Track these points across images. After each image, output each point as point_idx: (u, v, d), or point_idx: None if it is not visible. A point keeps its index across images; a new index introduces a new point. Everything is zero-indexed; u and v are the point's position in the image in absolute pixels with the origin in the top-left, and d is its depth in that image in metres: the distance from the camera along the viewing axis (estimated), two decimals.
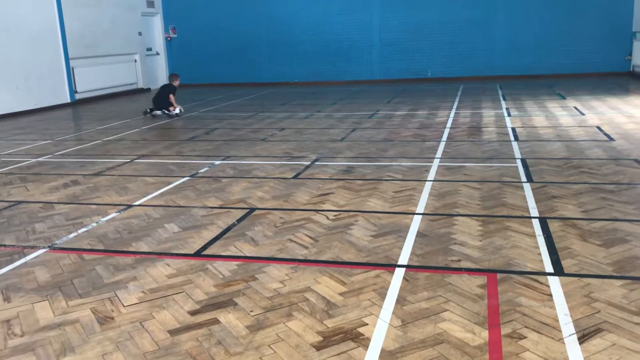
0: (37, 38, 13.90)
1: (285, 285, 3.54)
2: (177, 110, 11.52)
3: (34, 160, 7.86)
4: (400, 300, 3.27)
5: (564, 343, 2.78)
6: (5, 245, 4.50)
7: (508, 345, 2.77)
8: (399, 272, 3.65)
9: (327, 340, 2.89)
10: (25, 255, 4.27)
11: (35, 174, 6.98)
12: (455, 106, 11.55)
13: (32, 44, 13.73)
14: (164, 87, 11.90)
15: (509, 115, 10.10)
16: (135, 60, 17.95)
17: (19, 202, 5.74)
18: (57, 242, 4.54)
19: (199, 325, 3.10)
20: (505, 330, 2.91)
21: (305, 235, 4.42)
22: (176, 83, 11.78)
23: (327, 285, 3.51)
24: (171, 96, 11.58)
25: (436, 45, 17.40)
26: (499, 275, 3.55)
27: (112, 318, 3.23)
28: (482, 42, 17.05)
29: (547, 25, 16.49)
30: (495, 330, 2.91)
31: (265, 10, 18.43)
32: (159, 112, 11.66)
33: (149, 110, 11.79)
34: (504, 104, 11.53)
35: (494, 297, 3.26)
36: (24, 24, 13.48)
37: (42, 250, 4.34)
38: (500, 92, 13.61)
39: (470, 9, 16.89)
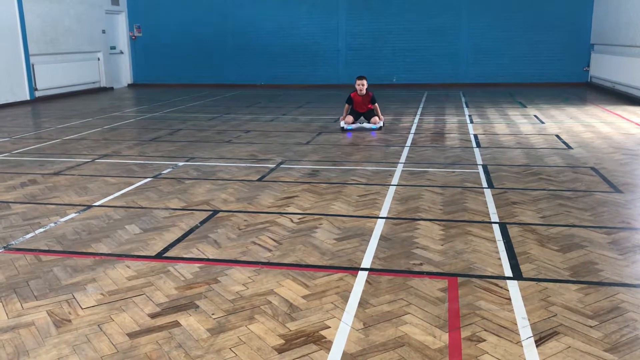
0: None
1: (247, 288, 3.52)
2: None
3: None
4: (363, 304, 3.28)
5: (521, 346, 2.83)
6: None
7: (468, 348, 2.82)
8: (362, 276, 3.67)
9: (289, 343, 2.88)
10: None
11: None
12: (419, 112, 11.69)
13: None
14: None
15: (471, 122, 10.27)
16: (99, 59, 17.61)
17: None
18: (13, 242, 4.41)
19: (159, 328, 3.05)
20: (465, 333, 2.95)
21: (269, 238, 4.41)
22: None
23: (290, 289, 3.50)
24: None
25: (401, 52, 17.61)
26: (459, 279, 3.60)
27: (69, 321, 3.15)
28: (446, 50, 17.33)
29: (509, 35, 16.87)
30: (455, 333, 2.95)
31: (232, 11, 18.33)
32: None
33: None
34: (466, 111, 11.72)
35: (455, 301, 3.31)
36: None
37: None
38: (463, 99, 13.85)
39: (434, 17, 17.15)
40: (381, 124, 9.43)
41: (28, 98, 14.57)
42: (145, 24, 19.07)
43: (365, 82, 9.63)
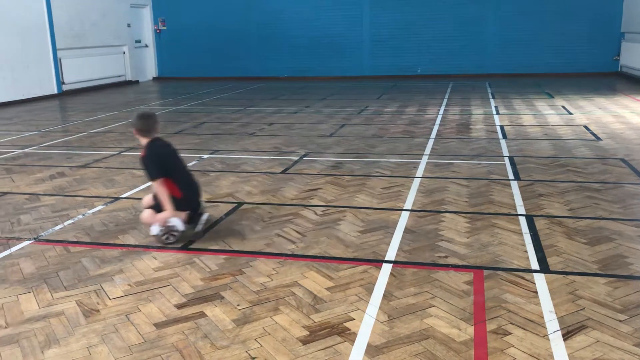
0: (25, 28, 13.74)
1: (272, 280, 3.54)
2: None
3: (20, 151, 7.78)
4: (387, 296, 3.28)
5: (548, 339, 2.80)
6: None
7: (493, 341, 2.79)
8: (386, 268, 3.66)
9: (314, 334, 2.89)
10: (10, 246, 4.22)
11: (21, 165, 6.91)
12: (444, 103, 11.58)
13: (19, 34, 13.57)
14: (175, 151, 4.48)
15: (497, 113, 10.14)
16: (124, 52, 17.80)
17: (4, 194, 5.68)
18: (43, 234, 4.49)
19: (185, 319, 3.09)
20: (490, 326, 2.93)
21: (293, 230, 4.42)
22: None
23: (314, 280, 3.51)
24: None
25: (426, 43, 17.43)
26: (485, 272, 3.57)
27: (98, 311, 3.21)
28: (472, 40, 17.11)
29: (537, 25, 16.58)
30: (480, 326, 2.93)
31: (256, 3, 18.34)
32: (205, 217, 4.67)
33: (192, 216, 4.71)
34: (492, 102, 11.58)
35: (480, 294, 3.28)
36: (11, 14, 13.32)
37: (27, 242, 4.30)
38: (489, 90, 13.67)
39: (460, 6, 16.93)
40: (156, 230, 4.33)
41: (56, 92, 14.81)
42: (170, 18, 19.20)
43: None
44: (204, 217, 4.37)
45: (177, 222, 4.15)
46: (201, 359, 2.70)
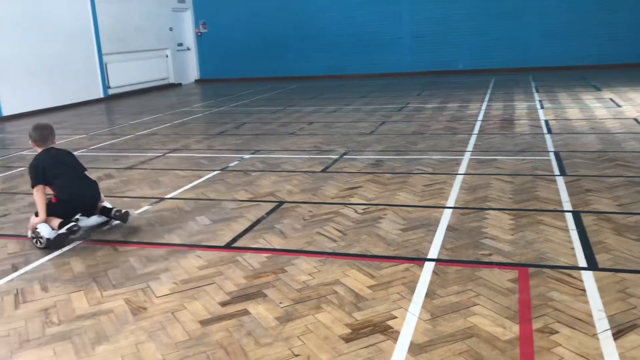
0: (72, 34, 14.19)
1: (314, 278, 3.55)
2: (107, 203, 4.85)
3: None
4: (430, 294, 3.25)
5: (597, 339, 2.73)
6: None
7: (539, 339, 2.74)
8: (429, 266, 3.63)
9: (356, 332, 2.89)
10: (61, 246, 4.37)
11: None
12: (487, 99, 11.39)
13: (67, 41, 14.02)
14: (68, 158, 4.72)
15: (542, 107, 9.92)
16: (167, 56, 18.17)
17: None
18: (92, 234, 4.63)
19: (230, 316, 3.14)
20: (536, 324, 2.87)
21: (334, 228, 4.43)
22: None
23: (355, 279, 3.51)
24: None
25: (467, 37, 17.18)
26: (530, 270, 3.50)
27: (145, 308, 3.29)
28: (514, 33, 16.76)
29: (581, 15, 16.11)
30: (526, 325, 2.87)
31: (294, 3, 18.44)
32: (93, 221, 4.67)
33: (75, 227, 4.34)
34: (536, 96, 11.32)
35: (525, 292, 3.22)
36: (59, 21, 13.77)
37: (77, 242, 4.44)
38: (533, 84, 13.37)
39: None
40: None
41: (102, 96, 15.24)
42: (210, 20, 19.49)
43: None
44: (113, 222, 4.72)
45: (43, 228, 4.30)
46: (245, 356, 2.74)
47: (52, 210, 4.40)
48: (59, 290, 3.59)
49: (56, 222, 4.34)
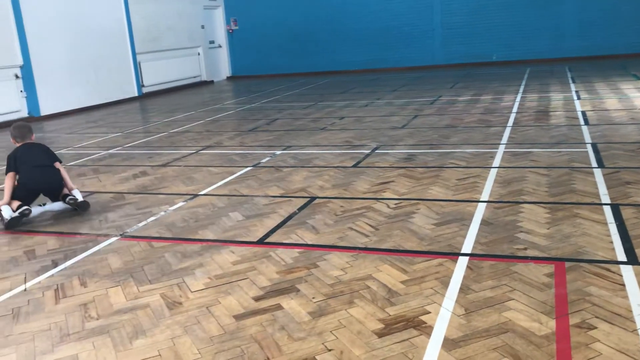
0: (106, 34, 14.47)
1: (346, 273, 3.56)
2: (79, 194, 5.42)
3: (105, 152, 8.21)
4: (464, 289, 3.22)
5: (637, 334, 2.66)
6: (80, 234, 4.73)
7: (577, 335, 2.69)
8: (463, 261, 3.59)
9: (389, 327, 2.89)
10: (98, 243, 4.48)
11: (107, 166, 7.30)
12: (521, 90, 11.19)
13: (101, 41, 14.31)
14: (35, 151, 5.45)
15: (578, 98, 9.69)
16: (199, 54, 18.37)
17: (92, 193, 6.02)
18: (128, 230, 4.73)
19: (263, 311, 3.16)
20: (574, 320, 2.82)
21: (366, 223, 4.42)
22: (34, 138, 5.67)
23: (388, 274, 3.50)
24: (61, 167, 5.53)
25: (500, 28, 16.88)
26: (567, 264, 3.43)
27: (181, 303, 3.34)
28: (549, 22, 16.40)
29: (619, 2, 15.64)
30: (563, 320, 2.82)
31: None
32: (41, 209, 5.43)
33: (18, 213, 5.01)
34: (573, 87, 11.07)
35: (562, 286, 3.16)
36: (93, 21, 14.06)
37: (114, 239, 4.54)
38: (569, 75, 13.08)
39: None
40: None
41: (136, 94, 15.51)
42: (241, 17, 19.62)
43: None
44: (57, 204, 5.42)
45: (5, 209, 5.03)
46: (279, 351, 2.76)
47: (15, 193, 5.14)
48: (97, 286, 3.67)
49: (15, 204, 5.07)
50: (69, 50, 13.38)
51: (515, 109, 9.05)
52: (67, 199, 5.30)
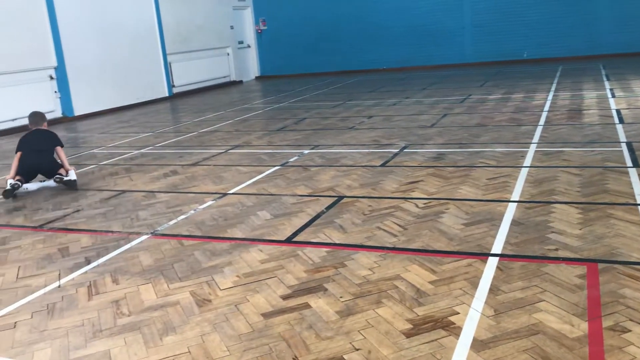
0: (137, 35, 14.70)
1: (374, 273, 3.55)
2: (73, 175, 6.49)
3: (137, 151, 8.35)
4: (494, 290, 3.18)
5: None
6: (112, 232, 4.82)
7: (610, 338, 2.63)
8: (492, 261, 3.55)
9: (417, 328, 2.87)
10: (130, 240, 4.55)
11: (138, 165, 7.41)
12: (553, 88, 11.00)
13: (132, 42, 14.54)
14: (35, 137, 6.61)
15: (613, 96, 9.48)
16: (228, 54, 18.52)
17: (124, 192, 6.12)
18: (159, 228, 4.80)
19: (291, 310, 3.18)
20: (607, 322, 2.76)
21: (394, 223, 4.40)
22: (46, 126, 7.01)
23: (416, 274, 3.48)
24: (61, 150, 6.67)
25: (532, 25, 16.61)
26: (600, 265, 3.36)
27: (210, 301, 3.38)
28: (583, 19, 16.08)
29: None
30: (595, 322, 2.77)
31: None
32: (35, 186, 6.52)
33: (15, 184, 6.16)
34: (607, 85, 10.83)
35: (595, 288, 3.10)
36: (125, 23, 14.29)
37: (145, 236, 4.62)
38: (603, 72, 12.80)
39: None
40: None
41: (167, 95, 15.72)
42: (270, 17, 19.71)
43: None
44: (43, 183, 6.56)
45: (9, 181, 6.18)
46: (307, 349, 2.77)
47: (18, 170, 6.32)
48: (128, 283, 3.74)
49: (16, 179, 6.23)
50: (102, 52, 13.63)
51: (546, 108, 8.90)
52: (55, 177, 6.38)
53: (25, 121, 7.39)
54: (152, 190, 6.07)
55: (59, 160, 6.60)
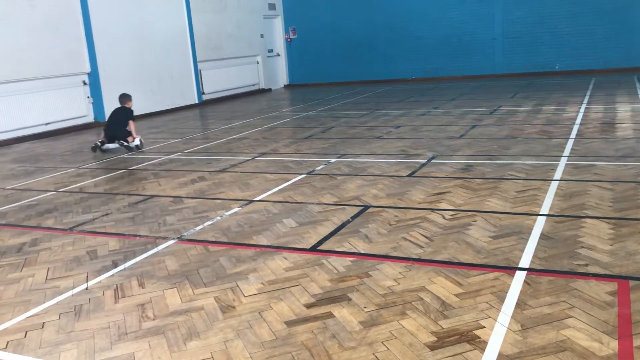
0: (169, 43, 14.93)
1: (399, 284, 3.52)
2: (137, 142, 9.09)
3: (166, 157, 8.45)
4: (521, 304, 3.12)
5: None
6: (140, 236, 4.88)
7: None
8: (520, 275, 3.49)
9: (442, 340, 2.83)
10: (157, 245, 4.61)
11: (167, 170, 7.51)
12: (585, 101, 10.81)
13: (164, 49, 14.77)
14: (118, 111, 9.31)
15: None
16: (258, 62, 18.68)
17: (152, 196, 6.20)
18: (185, 233, 4.84)
19: (314, 318, 3.17)
20: (638, 341, 2.68)
21: (420, 234, 4.36)
22: (130, 105, 9.41)
23: (442, 286, 3.44)
24: (131, 123, 9.23)
25: (565, 36, 16.39)
26: (631, 282, 3.28)
27: (234, 307, 3.39)
28: (618, 31, 15.80)
29: None
30: (626, 341, 2.69)
31: (382, 6, 18.39)
32: (112, 145, 9.16)
33: (99, 143, 9.10)
34: None
35: (626, 306, 3.02)
36: (156, 30, 14.54)
37: (171, 241, 4.66)
38: (638, 85, 12.54)
39: None
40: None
41: (196, 101, 15.91)
42: (300, 26, 19.84)
43: None
44: (111, 145, 9.18)
45: (97, 142, 9.12)
46: (329, 359, 2.76)
47: (104, 134, 9.24)
48: (154, 287, 3.78)
49: (100, 140, 9.13)
50: (134, 58, 13.88)
51: (578, 120, 8.75)
52: (120, 141, 8.97)
53: (59, 125, 9.49)
54: (179, 196, 6.13)
55: (129, 130, 9.10)
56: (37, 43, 11.68)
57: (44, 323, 3.38)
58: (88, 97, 12.96)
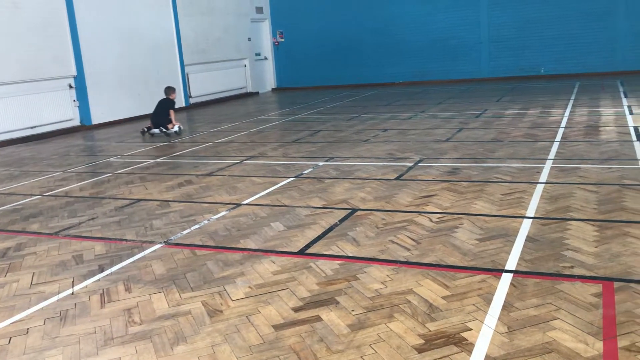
0: (156, 46, 14.87)
1: (386, 287, 3.53)
2: (175, 128, 10.62)
3: (153, 161, 8.41)
4: (507, 307, 3.15)
5: None
6: (126, 240, 4.85)
7: (626, 358, 2.59)
8: (506, 278, 3.52)
9: (429, 343, 2.85)
10: (144, 249, 4.58)
11: (154, 174, 7.47)
12: (570, 104, 10.93)
13: (151, 52, 14.70)
14: (162, 101, 10.90)
15: (631, 113, 9.39)
16: (245, 65, 18.66)
17: (139, 200, 6.17)
18: (172, 237, 4.82)
19: (302, 322, 3.17)
20: (622, 342, 2.71)
21: (407, 237, 4.38)
22: (173, 96, 10.96)
23: (429, 288, 3.46)
24: (171, 112, 10.75)
25: (549, 41, 16.56)
26: (616, 284, 3.31)
27: (221, 311, 3.38)
28: (601, 35, 15.98)
29: None
30: (611, 342, 2.72)
31: (369, 10, 18.46)
32: (156, 131, 10.65)
33: (146, 129, 10.80)
34: (625, 102, 10.74)
35: (611, 307, 3.05)
36: (143, 34, 14.48)
37: (158, 245, 4.64)
38: (621, 89, 12.70)
39: (587, 1, 15.90)
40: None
41: (184, 105, 15.84)
42: (287, 30, 19.85)
43: None
44: (155, 130, 10.68)
45: (144, 127, 10.79)
46: None
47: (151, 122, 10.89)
48: (141, 292, 3.75)
49: (147, 126, 10.77)
50: (120, 62, 13.80)
51: (563, 124, 8.84)
52: (161, 128, 10.51)
53: (44, 129, 9.47)
54: (166, 200, 6.10)
55: (170, 118, 10.57)
56: (22, 46, 11.58)
57: (28, 329, 3.35)
58: (74, 100, 12.86)
